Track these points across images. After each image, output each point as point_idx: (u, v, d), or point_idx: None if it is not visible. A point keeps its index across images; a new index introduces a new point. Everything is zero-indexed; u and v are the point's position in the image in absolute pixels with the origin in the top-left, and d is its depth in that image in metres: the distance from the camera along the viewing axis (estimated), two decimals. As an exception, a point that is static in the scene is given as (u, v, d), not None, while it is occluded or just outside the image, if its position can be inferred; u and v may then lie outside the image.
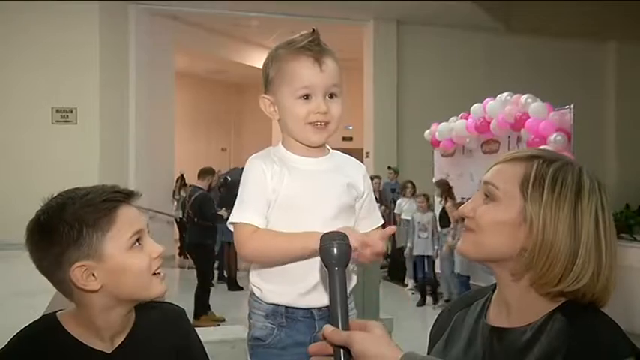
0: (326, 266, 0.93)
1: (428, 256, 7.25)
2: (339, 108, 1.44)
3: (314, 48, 1.40)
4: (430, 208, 7.39)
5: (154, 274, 1.18)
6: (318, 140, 1.44)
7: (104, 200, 1.14)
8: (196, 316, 6.09)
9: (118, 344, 1.21)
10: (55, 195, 1.18)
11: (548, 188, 0.97)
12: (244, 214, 1.40)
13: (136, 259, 1.15)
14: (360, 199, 1.50)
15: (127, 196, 1.19)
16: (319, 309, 1.43)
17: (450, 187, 7.18)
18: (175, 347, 1.29)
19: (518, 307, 1.02)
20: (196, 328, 1.41)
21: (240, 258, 1.41)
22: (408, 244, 7.55)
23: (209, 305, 6.43)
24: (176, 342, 1.29)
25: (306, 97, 1.41)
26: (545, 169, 0.99)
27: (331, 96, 1.43)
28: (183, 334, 1.33)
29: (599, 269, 0.96)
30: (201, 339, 1.37)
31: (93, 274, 1.13)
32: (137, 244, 1.16)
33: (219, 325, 5.94)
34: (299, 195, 1.41)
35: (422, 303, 7.31)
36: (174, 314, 1.34)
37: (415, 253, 7.34)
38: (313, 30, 1.43)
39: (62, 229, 1.11)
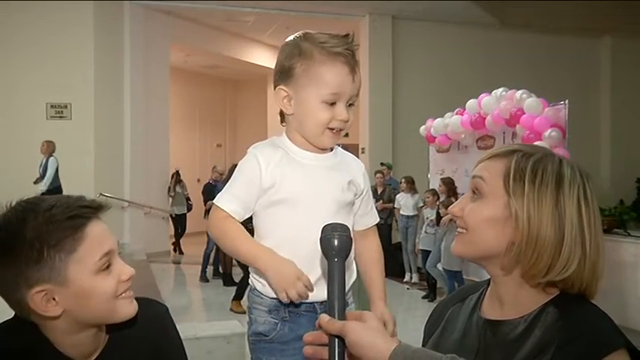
0: (325, 257, 0.94)
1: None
2: (353, 116, 1.45)
3: (350, 58, 1.40)
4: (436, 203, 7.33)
5: (122, 297, 1.07)
6: (331, 144, 1.47)
7: (70, 217, 1.01)
8: (236, 299, 6.39)
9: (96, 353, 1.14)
10: (14, 203, 1.03)
11: (529, 180, 0.98)
12: (225, 196, 1.44)
13: (102, 284, 1.03)
14: (359, 196, 1.52)
15: (95, 211, 1.05)
16: (321, 303, 1.43)
17: (455, 186, 7.14)
18: (154, 346, 1.22)
19: (511, 300, 1.04)
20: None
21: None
22: (416, 239, 7.60)
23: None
24: (155, 342, 1.22)
25: (332, 103, 1.40)
26: (525, 162, 1.00)
27: (350, 105, 1.44)
28: (164, 333, 1.25)
29: (585, 257, 0.97)
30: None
31: (54, 299, 1.01)
32: (105, 267, 1.04)
33: (245, 313, 6.16)
34: (299, 189, 1.42)
35: (431, 298, 7.18)
36: (155, 313, 1.26)
37: (421, 247, 7.33)
38: (348, 34, 1.42)
39: (21, 248, 0.98)
